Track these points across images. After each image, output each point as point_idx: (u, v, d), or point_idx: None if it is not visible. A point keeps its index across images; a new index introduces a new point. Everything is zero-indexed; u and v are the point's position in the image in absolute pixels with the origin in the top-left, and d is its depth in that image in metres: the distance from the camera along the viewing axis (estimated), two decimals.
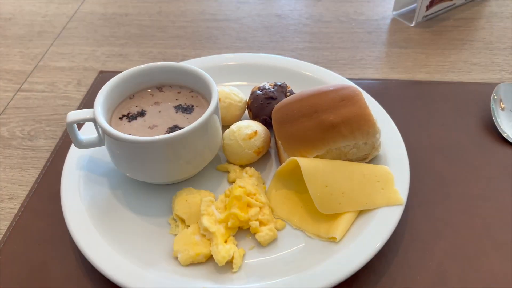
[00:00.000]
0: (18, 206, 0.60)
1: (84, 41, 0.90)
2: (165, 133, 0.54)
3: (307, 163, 0.52)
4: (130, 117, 0.56)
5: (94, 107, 0.53)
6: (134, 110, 0.57)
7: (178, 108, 0.57)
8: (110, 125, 0.55)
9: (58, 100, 0.76)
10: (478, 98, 0.72)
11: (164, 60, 0.84)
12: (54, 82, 0.80)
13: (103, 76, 0.80)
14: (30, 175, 0.64)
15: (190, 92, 0.59)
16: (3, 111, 0.75)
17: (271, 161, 0.62)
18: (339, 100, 0.54)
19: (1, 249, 0.55)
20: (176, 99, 0.58)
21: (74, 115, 0.54)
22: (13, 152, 0.68)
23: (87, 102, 0.74)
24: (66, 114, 0.73)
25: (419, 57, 0.82)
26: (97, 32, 0.92)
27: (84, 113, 0.54)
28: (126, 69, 0.81)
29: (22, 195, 0.61)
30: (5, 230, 0.57)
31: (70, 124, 0.54)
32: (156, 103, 0.58)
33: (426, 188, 0.59)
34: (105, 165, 0.60)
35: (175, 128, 0.55)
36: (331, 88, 0.56)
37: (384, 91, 0.75)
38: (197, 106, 0.57)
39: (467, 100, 0.72)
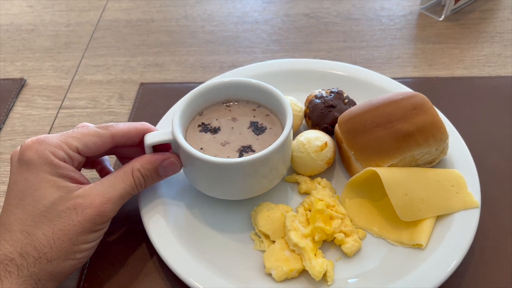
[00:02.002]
0: None
1: (115, 51, 0.88)
2: (237, 151, 0.55)
3: (386, 173, 0.54)
4: (206, 129, 0.57)
5: (173, 129, 0.53)
6: (215, 123, 0.58)
7: (252, 125, 0.57)
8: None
9: (104, 116, 0.76)
10: None
11: (203, 68, 0.84)
12: (95, 97, 0.79)
13: (145, 88, 0.79)
14: None
15: (258, 107, 0.60)
16: (50, 130, 0.74)
17: (336, 169, 0.63)
18: (411, 108, 0.55)
19: (86, 276, 0.55)
20: (254, 116, 0.58)
21: (152, 137, 0.54)
22: None
23: (136, 116, 0.74)
24: None
25: (454, 52, 0.84)
26: (126, 41, 0.91)
27: (162, 134, 0.54)
28: (166, 79, 0.82)
29: None
30: None
31: (149, 146, 0.54)
32: (233, 119, 0.58)
33: (490, 186, 0.61)
34: (178, 183, 0.60)
35: (248, 148, 0.55)
36: (401, 96, 0.57)
37: (427, 89, 0.76)
38: (270, 128, 0.57)
39: (509, 94, 0.75)
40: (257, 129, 0.57)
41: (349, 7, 0.97)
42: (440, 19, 0.91)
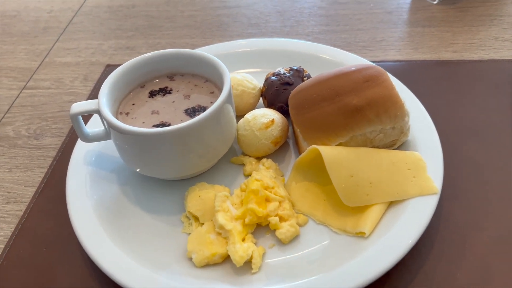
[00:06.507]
0: (24, 208, 0.57)
1: (90, 35, 0.86)
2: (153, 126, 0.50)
3: (329, 152, 0.48)
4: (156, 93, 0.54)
5: (99, 98, 0.49)
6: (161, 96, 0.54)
7: (193, 109, 0.52)
8: (117, 116, 0.51)
9: (64, 97, 0.73)
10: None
11: None
12: (60, 78, 0.77)
13: (110, 70, 0.76)
14: (36, 175, 0.61)
15: (205, 82, 0.55)
16: (8, 109, 0.72)
17: (290, 151, 0.57)
18: (363, 81, 0.49)
19: (6, 253, 0.52)
20: (211, 102, 0.53)
21: (78, 106, 0.50)
22: (18, 151, 0.65)
23: (94, 97, 0.71)
24: None
25: (445, 36, 0.77)
26: (103, 25, 0.89)
27: (89, 104, 0.50)
28: None
29: (28, 196, 0.58)
30: (10, 233, 0.54)
31: (74, 116, 0.50)
32: (186, 96, 0.54)
33: (461, 175, 0.54)
34: (114, 160, 0.56)
35: (167, 124, 0.50)
36: (353, 68, 0.51)
37: (408, 73, 0.69)
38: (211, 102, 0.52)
39: (500, 78, 0.67)
40: (194, 111, 0.52)
41: None
42: (435, 2, 0.84)
